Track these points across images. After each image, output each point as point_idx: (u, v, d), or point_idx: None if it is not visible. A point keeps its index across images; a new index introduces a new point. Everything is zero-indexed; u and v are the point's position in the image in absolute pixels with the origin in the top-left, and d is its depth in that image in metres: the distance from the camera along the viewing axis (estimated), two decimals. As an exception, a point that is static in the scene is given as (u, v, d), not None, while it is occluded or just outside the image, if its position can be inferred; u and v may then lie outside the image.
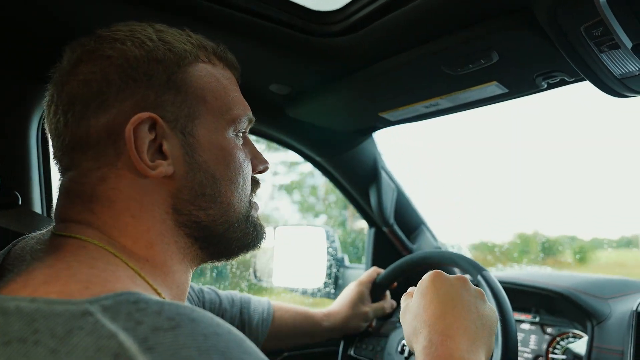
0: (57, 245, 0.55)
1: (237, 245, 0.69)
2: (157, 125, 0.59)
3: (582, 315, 1.14)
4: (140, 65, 0.59)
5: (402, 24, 0.85)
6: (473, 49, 0.84)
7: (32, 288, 0.46)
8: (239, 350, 0.44)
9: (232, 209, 0.66)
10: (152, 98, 0.59)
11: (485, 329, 0.72)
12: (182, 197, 0.61)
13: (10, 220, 0.92)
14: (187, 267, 0.65)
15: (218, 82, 0.66)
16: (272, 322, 1.18)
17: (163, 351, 0.40)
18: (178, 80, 0.61)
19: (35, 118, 1.08)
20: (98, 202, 0.58)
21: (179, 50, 0.62)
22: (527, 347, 1.24)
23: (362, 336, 1.30)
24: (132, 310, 0.42)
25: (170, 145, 0.60)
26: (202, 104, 0.63)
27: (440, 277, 0.78)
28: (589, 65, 0.75)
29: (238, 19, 0.85)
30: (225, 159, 0.64)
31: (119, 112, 0.58)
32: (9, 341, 0.40)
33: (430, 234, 1.68)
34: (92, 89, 0.58)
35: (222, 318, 1.09)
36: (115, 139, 0.58)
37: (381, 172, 1.52)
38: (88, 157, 0.58)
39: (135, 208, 0.59)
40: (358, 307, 1.23)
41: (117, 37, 0.60)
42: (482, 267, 1.01)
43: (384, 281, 1.25)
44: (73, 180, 0.60)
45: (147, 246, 0.59)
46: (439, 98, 1.09)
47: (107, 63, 0.58)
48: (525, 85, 0.98)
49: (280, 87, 1.17)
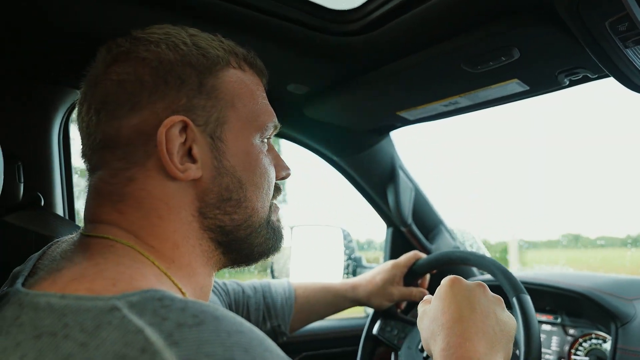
0: (85, 245, 0.57)
1: (259, 251, 0.69)
2: (187, 129, 0.59)
3: (605, 316, 1.12)
4: (174, 68, 0.60)
5: (420, 22, 0.84)
6: (493, 46, 0.83)
7: (61, 285, 0.47)
8: (261, 348, 0.45)
9: (256, 214, 0.66)
10: (184, 102, 0.60)
11: (504, 335, 0.72)
12: (209, 201, 0.62)
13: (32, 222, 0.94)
14: (211, 270, 0.66)
15: (247, 88, 0.66)
16: (296, 300, 1.20)
17: (187, 346, 0.41)
18: (209, 85, 0.62)
19: (57, 121, 1.10)
20: (126, 203, 0.59)
21: (211, 55, 0.63)
22: (549, 349, 1.22)
23: (389, 316, 1.27)
24: (157, 307, 0.43)
25: (199, 149, 0.61)
26: (231, 109, 0.63)
27: (458, 282, 0.78)
28: (614, 61, 0.74)
29: (255, 19, 0.86)
30: (251, 164, 0.65)
31: (150, 113, 0.58)
32: (40, 335, 0.42)
33: (448, 233, 1.66)
34: (126, 90, 0.59)
35: (248, 305, 1.14)
36: (146, 140, 0.58)
37: (399, 172, 1.52)
38: (118, 156, 0.59)
39: (162, 209, 0.59)
40: (386, 286, 1.23)
41: (152, 40, 0.61)
42: (521, 288, 0.95)
43: (421, 268, 1.23)
44: (102, 179, 0.61)
45: (173, 247, 0.60)
46: (458, 96, 1.08)
47: (141, 65, 0.59)
48: (546, 82, 0.96)
49: (297, 87, 1.17)
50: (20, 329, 0.43)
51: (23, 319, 0.44)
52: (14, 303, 0.47)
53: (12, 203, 0.97)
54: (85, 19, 0.84)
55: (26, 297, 0.46)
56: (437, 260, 1.20)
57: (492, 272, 1.03)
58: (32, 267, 0.58)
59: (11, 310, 0.46)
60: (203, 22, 0.85)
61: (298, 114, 1.31)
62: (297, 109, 1.29)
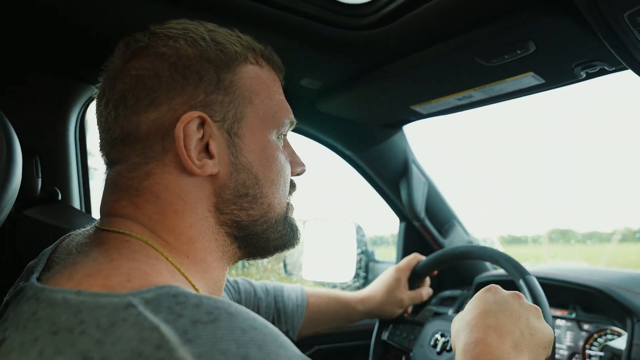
0: (101, 240, 0.57)
1: (274, 245, 0.70)
2: (205, 125, 0.60)
3: (621, 311, 1.11)
4: (192, 64, 0.60)
5: (434, 16, 0.83)
6: (509, 39, 0.82)
7: (76, 280, 0.48)
8: (275, 344, 0.45)
9: (272, 210, 0.67)
10: (202, 97, 0.60)
11: (534, 340, 0.70)
12: (225, 197, 0.62)
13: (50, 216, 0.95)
14: (225, 264, 0.67)
15: (265, 84, 0.66)
16: (307, 308, 1.19)
17: (202, 343, 0.41)
18: (227, 81, 0.62)
19: (74, 115, 1.11)
20: (143, 197, 0.60)
21: (230, 51, 0.63)
22: (563, 344, 1.21)
23: (396, 322, 1.29)
24: (172, 304, 0.44)
25: (216, 145, 0.61)
26: (249, 105, 0.63)
27: (493, 289, 0.77)
28: (632, 53, 0.73)
29: (267, 13, 0.86)
30: (267, 160, 0.65)
31: (169, 109, 0.59)
32: (57, 331, 0.42)
33: (461, 228, 1.66)
34: (145, 85, 0.59)
35: (258, 307, 1.13)
36: (164, 135, 0.59)
37: (412, 166, 1.51)
38: (136, 151, 0.60)
39: (179, 204, 0.60)
40: (394, 293, 1.23)
41: (170, 35, 0.61)
42: (525, 270, 0.97)
43: (424, 269, 1.23)
44: (120, 174, 0.61)
45: (189, 242, 0.60)
46: (472, 90, 1.07)
47: (160, 60, 0.60)
48: (562, 75, 0.95)
49: (311, 82, 1.16)
50: (37, 324, 0.44)
51: (40, 315, 0.44)
52: (30, 298, 0.47)
53: (31, 197, 0.99)
54: (102, 14, 0.85)
55: (42, 293, 0.47)
56: (439, 259, 1.20)
57: (496, 261, 1.05)
58: (47, 261, 0.59)
59: (28, 305, 0.46)
60: (216, 18, 0.85)
61: (311, 109, 1.31)
62: (310, 104, 1.29)
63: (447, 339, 1.08)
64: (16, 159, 0.65)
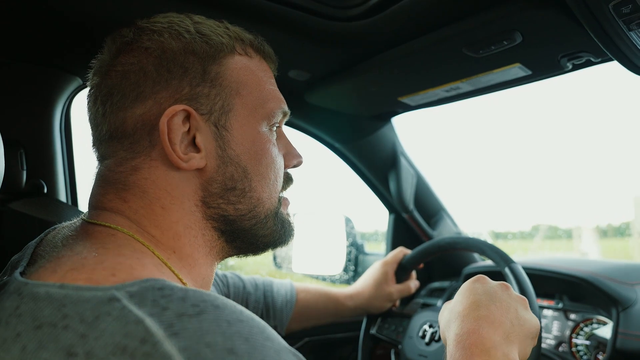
0: (86, 233, 0.57)
1: (264, 242, 0.69)
2: (191, 118, 0.59)
3: (607, 301, 1.12)
4: (176, 57, 0.59)
5: (422, 6, 0.83)
6: (495, 30, 0.82)
7: (60, 274, 0.47)
8: (261, 337, 0.45)
9: (262, 205, 0.65)
10: (187, 90, 0.59)
11: (522, 330, 0.71)
12: (212, 190, 0.62)
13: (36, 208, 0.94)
14: (213, 260, 0.66)
15: (253, 75, 0.65)
16: (296, 304, 1.19)
17: (188, 336, 0.41)
18: (213, 72, 0.61)
19: (59, 106, 1.10)
20: (130, 191, 0.59)
21: (215, 42, 0.62)
22: (550, 333, 1.22)
23: (384, 316, 1.30)
24: (157, 297, 0.43)
25: (203, 138, 0.60)
26: (236, 97, 0.63)
27: (482, 279, 0.78)
28: (617, 44, 0.73)
29: (256, 4, 0.85)
30: (257, 153, 0.64)
31: (154, 103, 0.58)
32: (39, 325, 0.42)
33: (450, 219, 1.67)
34: (130, 81, 0.59)
35: (247, 301, 1.11)
36: (150, 130, 0.59)
37: (400, 158, 1.51)
38: (124, 146, 0.60)
39: (165, 199, 0.59)
40: (382, 287, 1.23)
41: (155, 29, 0.61)
42: (510, 258, 0.98)
43: (410, 263, 1.24)
44: (108, 168, 0.61)
45: (175, 237, 0.60)
46: (459, 81, 1.08)
47: (144, 55, 0.59)
48: (549, 66, 0.96)
49: (299, 73, 1.16)
50: (20, 319, 0.43)
51: (22, 309, 0.43)
52: (13, 293, 0.46)
53: (15, 190, 0.98)
54: (89, 4, 0.84)
55: (25, 287, 0.46)
56: (426, 251, 1.21)
57: (481, 250, 1.06)
58: (31, 255, 0.58)
59: (10, 300, 0.45)
60: (204, 9, 0.84)
61: (299, 101, 1.31)
62: (298, 96, 1.29)
63: (435, 329, 1.09)
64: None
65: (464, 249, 1.15)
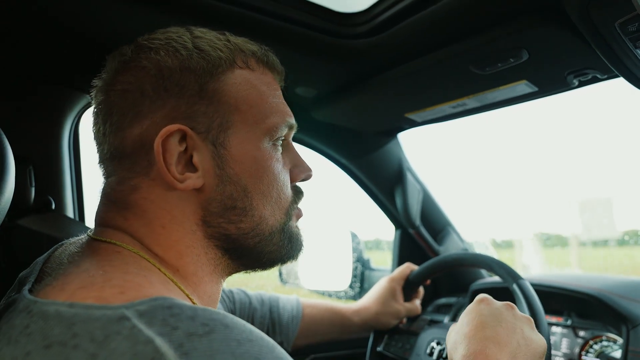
0: (93, 250, 0.57)
1: (270, 258, 0.67)
2: (187, 137, 0.58)
3: (616, 318, 1.11)
4: (172, 75, 0.58)
5: (428, 24, 0.84)
6: (502, 48, 0.83)
7: (69, 293, 0.47)
8: (271, 356, 0.45)
9: (265, 223, 0.64)
10: (184, 109, 0.58)
11: (529, 351, 0.70)
12: (212, 210, 0.61)
13: (44, 225, 0.95)
14: (218, 277, 0.65)
15: (254, 89, 0.63)
16: (302, 319, 1.18)
17: (198, 356, 0.41)
18: (210, 89, 0.60)
19: (68, 123, 1.11)
20: (131, 210, 0.59)
21: (212, 58, 0.60)
22: (559, 351, 1.21)
23: (391, 333, 1.28)
24: (166, 316, 0.43)
25: (200, 157, 0.59)
26: (235, 113, 0.61)
27: (486, 300, 0.78)
28: (624, 61, 0.73)
29: (263, 22, 0.86)
30: (258, 171, 0.62)
31: (151, 123, 0.58)
32: (49, 345, 0.41)
33: (456, 235, 1.66)
34: (128, 100, 0.58)
35: (253, 317, 1.11)
36: (148, 150, 0.58)
37: (407, 174, 1.51)
38: (124, 166, 0.60)
39: (165, 218, 0.59)
40: (389, 303, 1.22)
41: (152, 46, 0.60)
42: (517, 274, 0.98)
43: (417, 278, 1.23)
44: (111, 186, 0.61)
45: (177, 257, 0.59)
46: (466, 98, 1.08)
47: (142, 74, 0.59)
48: (556, 83, 0.96)
49: (306, 90, 1.17)
50: (29, 338, 0.43)
51: (32, 328, 0.43)
52: (22, 311, 0.46)
53: (24, 207, 0.98)
54: (98, 22, 0.85)
55: (35, 305, 0.46)
56: (433, 267, 1.20)
57: (489, 267, 1.05)
58: (39, 271, 0.58)
59: (20, 318, 0.45)
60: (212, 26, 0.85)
61: (306, 117, 1.31)
62: (305, 112, 1.30)
63: (443, 346, 1.08)
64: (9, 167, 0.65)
65: (472, 265, 1.14)
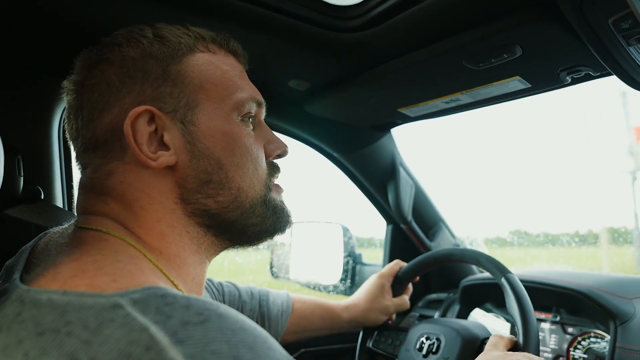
0: (80, 239, 0.57)
1: (255, 231, 0.69)
2: (156, 118, 0.60)
3: (604, 315, 1.12)
4: (136, 63, 0.61)
5: (422, 19, 0.84)
6: (496, 43, 0.82)
7: (61, 281, 0.47)
8: (264, 346, 0.45)
9: (244, 194, 0.65)
10: (149, 92, 0.61)
11: None
12: (189, 186, 0.62)
13: (33, 214, 0.94)
14: (203, 258, 0.66)
15: (217, 69, 0.66)
16: (292, 314, 1.18)
17: (193, 344, 0.41)
18: (173, 71, 0.63)
19: (57, 113, 1.10)
20: (109, 195, 0.61)
21: (173, 43, 0.64)
22: (547, 347, 1.22)
23: (381, 329, 1.29)
24: (160, 305, 0.44)
25: (171, 136, 0.61)
26: (200, 92, 0.64)
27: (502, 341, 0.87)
28: (616, 58, 0.74)
29: (256, 14, 0.85)
30: (229, 144, 0.64)
31: (119, 110, 0.60)
32: (42, 332, 0.42)
33: (448, 230, 1.66)
34: (96, 93, 0.61)
35: (242, 310, 1.11)
36: (120, 135, 0.60)
37: (399, 169, 1.51)
38: (99, 155, 0.62)
39: (143, 199, 0.61)
40: (378, 300, 1.23)
41: (115, 41, 0.63)
42: (506, 268, 0.98)
43: (406, 275, 1.24)
44: (87, 176, 0.63)
45: (159, 237, 0.61)
46: (459, 93, 1.08)
47: (107, 66, 0.62)
48: (548, 80, 0.96)
49: (299, 83, 1.16)
50: (22, 325, 0.43)
51: (24, 316, 0.44)
52: (15, 300, 0.47)
53: (12, 196, 0.97)
54: (87, 10, 0.84)
55: (27, 294, 0.46)
56: (422, 263, 1.21)
57: (477, 261, 1.06)
58: (27, 260, 0.58)
59: (13, 307, 0.46)
60: (203, 17, 0.84)
61: (299, 110, 1.31)
62: (298, 105, 1.29)
63: (432, 341, 1.08)
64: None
65: (460, 261, 1.15)
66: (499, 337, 0.88)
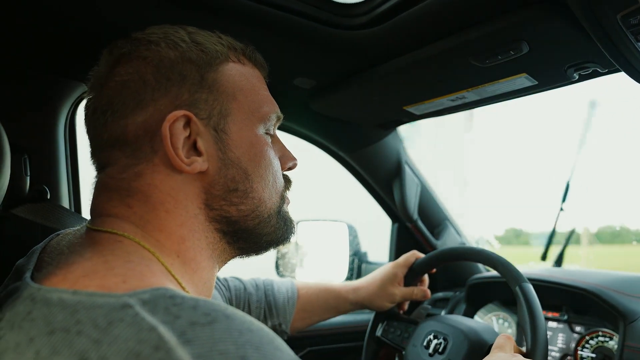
0: (94, 240, 0.58)
1: (267, 240, 0.70)
2: (191, 123, 0.61)
3: (613, 313, 1.11)
4: (174, 65, 0.61)
5: (428, 16, 0.83)
6: (502, 40, 0.82)
7: (72, 281, 0.48)
8: (271, 346, 0.46)
9: (264, 205, 0.67)
10: (186, 96, 0.61)
11: None
12: (215, 193, 0.63)
13: (39, 214, 0.94)
14: (214, 263, 0.67)
15: (248, 80, 0.67)
16: (298, 300, 1.19)
17: (201, 344, 0.42)
18: (210, 79, 0.63)
19: (63, 113, 1.10)
20: (134, 197, 0.60)
21: (210, 50, 0.64)
22: (555, 346, 1.21)
23: (391, 318, 1.28)
24: (169, 305, 0.44)
25: (204, 142, 0.62)
26: (233, 101, 0.64)
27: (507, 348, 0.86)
28: (625, 55, 0.73)
29: (262, 12, 0.85)
30: (256, 155, 0.66)
31: (155, 110, 0.60)
32: (53, 331, 0.43)
33: (454, 229, 1.66)
34: (130, 90, 0.60)
35: (249, 302, 1.13)
36: (152, 136, 0.60)
37: (405, 167, 1.51)
38: (126, 154, 0.61)
39: (169, 203, 0.61)
40: (387, 287, 1.22)
41: (151, 40, 0.62)
42: (522, 277, 0.96)
43: (421, 267, 1.23)
44: (110, 175, 0.62)
45: (179, 241, 0.61)
46: (465, 91, 1.07)
47: (143, 64, 0.61)
48: (556, 77, 0.95)
49: (304, 81, 1.16)
50: (32, 324, 0.44)
51: (35, 314, 0.45)
52: (26, 298, 0.47)
53: (19, 196, 0.98)
54: (94, 10, 0.84)
55: (38, 292, 0.47)
56: (437, 258, 1.20)
57: (493, 265, 1.04)
58: (38, 260, 0.59)
59: (24, 305, 0.47)
60: (209, 16, 0.84)
61: (304, 108, 1.30)
62: (303, 103, 1.29)
63: (439, 340, 1.07)
64: (5, 156, 0.65)
65: (476, 260, 1.13)
66: (506, 337, 0.87)
